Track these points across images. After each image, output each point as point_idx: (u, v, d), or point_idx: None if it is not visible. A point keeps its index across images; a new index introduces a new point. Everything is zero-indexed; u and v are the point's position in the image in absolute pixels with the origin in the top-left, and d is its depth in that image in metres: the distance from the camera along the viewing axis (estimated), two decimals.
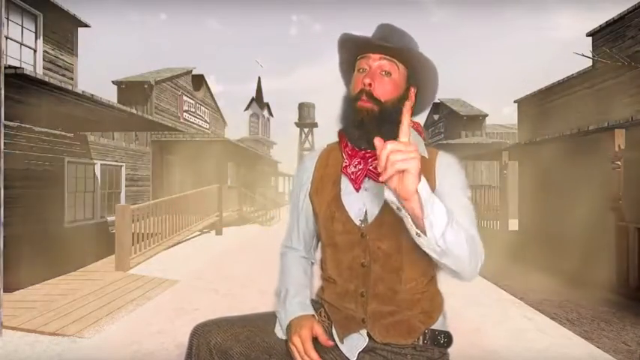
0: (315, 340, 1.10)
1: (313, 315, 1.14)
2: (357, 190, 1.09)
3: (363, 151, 1.11)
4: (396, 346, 1.06)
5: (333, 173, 1.16)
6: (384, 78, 1.07)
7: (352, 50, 1.13)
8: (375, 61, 1.08)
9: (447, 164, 1.10)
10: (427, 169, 1.08)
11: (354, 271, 1.09)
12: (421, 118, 1.23)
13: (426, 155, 1.11)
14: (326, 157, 1.21)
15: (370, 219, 1.07)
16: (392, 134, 1.05)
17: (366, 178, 1.09)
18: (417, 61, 1.09)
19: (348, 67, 1.18)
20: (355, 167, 1.10)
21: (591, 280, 5.68)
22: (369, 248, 1.07)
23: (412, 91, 1.12)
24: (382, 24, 1.13)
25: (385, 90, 1.07)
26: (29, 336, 3.54)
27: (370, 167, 1.09)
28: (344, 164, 1.13)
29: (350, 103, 1.09)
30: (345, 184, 1.12)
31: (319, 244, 1.25)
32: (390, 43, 1.06)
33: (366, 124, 1.06)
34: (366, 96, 1.05)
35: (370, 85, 1.06)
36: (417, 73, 1.11)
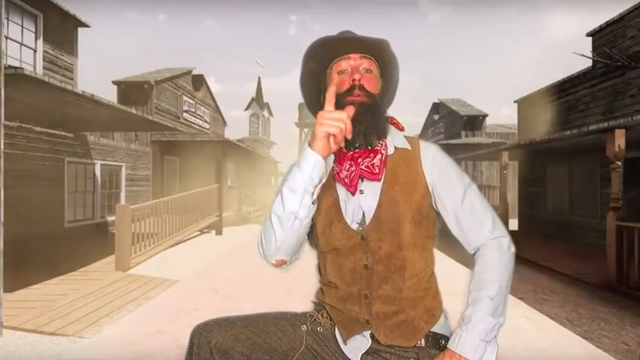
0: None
1: None
2: (353, 193, 1.08)
3: (351, 152, 1.10)
4: (399, 348, 1.06)
5: (325, 181, 1.14)
6: (366, 75, 1.12)
7: (325, 57, 1.15)
8: (356, 60, 1.12)
9: (432, 156, 1.12)
10: (411, 161, 1.12)
11: (357, 274, 1.08)
12: (421, 119, 1.23)
13: (408, 147, 1.14)
14: None
15: (368, 220, 1.07)
16: (383, 128, 1.11)
17: (360, 180, 1.09)
18: (388, 56, 1.15)
19: (313, 80, 1.19)
20: (347, 171, 1.09)
21: (591, 279, 5.68)
22: (371, 250, 1.07)
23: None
24: (343, 31, 1.16)
25: (372, 85, 1.12)
26: (29, 336, 3.54)
27: (362, 167, 1.08)
28: (335, 171, 1.12)
29: (339, 100, 1.07)
30: (341, 191, 1.11)
31: (317, 251, 1.21)
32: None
33: (362, 116, 1.06)
34: (358, 89, 1.08)
35: (360, 80, 1.09)
36: (387, 68, 1.17)
